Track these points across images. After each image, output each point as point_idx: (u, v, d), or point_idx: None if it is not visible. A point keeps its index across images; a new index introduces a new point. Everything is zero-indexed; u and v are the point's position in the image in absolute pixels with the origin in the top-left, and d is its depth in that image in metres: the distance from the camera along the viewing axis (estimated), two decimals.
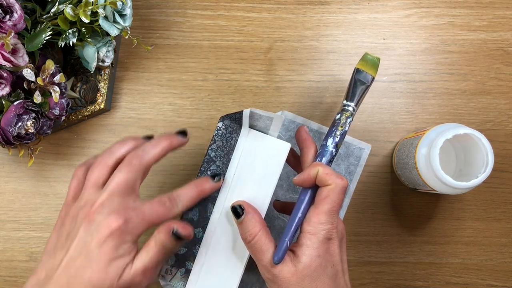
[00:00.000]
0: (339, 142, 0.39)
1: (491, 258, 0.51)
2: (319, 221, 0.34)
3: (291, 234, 0.36)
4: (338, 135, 0.39)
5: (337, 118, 0.40)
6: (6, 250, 0.51)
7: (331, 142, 0.38)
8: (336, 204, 0.35)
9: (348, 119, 0.39)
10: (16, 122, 0.41)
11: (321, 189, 0.35)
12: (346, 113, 0.40)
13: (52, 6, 0.43)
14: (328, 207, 0.34)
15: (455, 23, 0.53)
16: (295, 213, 0.36)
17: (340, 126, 0.39)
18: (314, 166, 0.36)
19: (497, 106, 0.52)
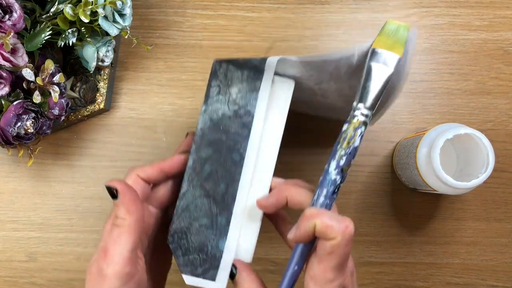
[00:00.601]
0: (344, 166, 0.29)
1: (492, 259, 0.51)
2: (327, 279, 0.29)
3: None
4: (344, 155, 0.29)
5: (343, 129, 0.29)
6: (5, 250, 0.51)
7: (334, 167, 0.29)
8: (344, 258, 0.29)
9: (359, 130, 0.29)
10: (16, 122, 0.41)
11: (323, 242, 0.29)
12: (354, 121, 0.29)
13: (51, 5, 0.43)
14: (336, 263, 0.29)
15: (456, 22, 0.53)
16: (290, 264, 0.31)
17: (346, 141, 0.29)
18: (308, 220, 0.29)
19: (497, 106, 0.52)
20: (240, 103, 0.34)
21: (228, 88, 0.35)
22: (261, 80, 0.34)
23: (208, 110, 0.35)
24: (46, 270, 0.51)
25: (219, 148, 0.34)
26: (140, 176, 0.34)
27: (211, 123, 0.35)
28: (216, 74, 0.35)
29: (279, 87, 0.34)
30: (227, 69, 0.35)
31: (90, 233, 0.51)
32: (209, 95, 0.35)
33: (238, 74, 0.34)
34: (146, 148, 0.52)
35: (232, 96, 0.34)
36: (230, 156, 0.34)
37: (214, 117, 0.35)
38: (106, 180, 0.51)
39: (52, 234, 0.51)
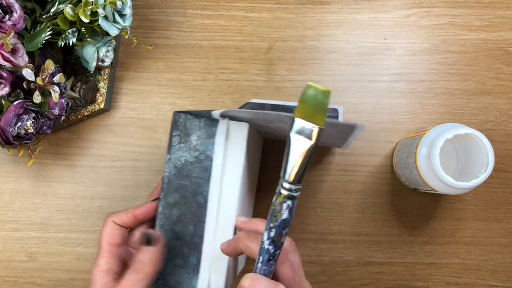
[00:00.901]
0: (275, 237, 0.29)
1: (492, 259, 0.51)
2: None
3: None
4: (273, 227, 0.29)
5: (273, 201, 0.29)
6: (5, 250, 0.51)
7: (266, 238, 0.30)
8: None
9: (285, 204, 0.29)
10: (16, 122, 0.41)
11: None
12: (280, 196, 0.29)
13: (51, 6, 0.43)
14: None
15: (456, 23, 0.53)
16: None
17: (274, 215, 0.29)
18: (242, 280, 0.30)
19: (497, 106, 0.52)
20: (200, 149, 0.37)
21: (188, 137, 0.37)
22: (216, 126, 0.36)
23: (172, 159, 0.37)
24: (46, 270, 0.51)
25: (185, 193, 0.37)
26: (116, 222, 0.37)
27: (175, 170, 0.37)
28: (176, 125, 0.37)
29: (234, 130, 0.37)
30: (186, 118, 0.37)
31: (90, 233, 0.51)
32: (171, 144, 0.37)
33: (196, 123, 0.37)
34: (146, 148, 0.52)
35: (192, 143, 0.37)
36: (195, 200, 0.37)
37: (178, 164, 0.37)
38: (106, 180, 0.51)
39: (52, 234, 0.51)
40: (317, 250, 0.51)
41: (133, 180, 0.51)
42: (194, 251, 0.37)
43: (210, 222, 0.37)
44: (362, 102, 0.52)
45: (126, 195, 0.51)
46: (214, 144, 0.36)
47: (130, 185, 0.51)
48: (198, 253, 0.37)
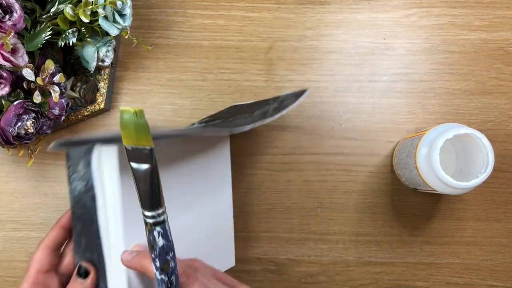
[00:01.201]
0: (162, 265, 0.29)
1: (492, 258, 0.51)
2: None
3: None
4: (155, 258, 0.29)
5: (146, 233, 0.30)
6: (5, 250, 0.51)
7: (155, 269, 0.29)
8: None
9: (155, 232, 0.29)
10: (16, 122, 0.41)
11: None
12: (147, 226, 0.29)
13: (51, 6, 0.43)
14: None
15: (456, 23, 0.53)
16: None
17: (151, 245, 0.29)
18: None
19: (497, 106, 0.52)
20: (86, 178, 0.36)
21: (76, 166, 0.36)
22: (91, 153, 0.35)
23: (71, 189, 0.37)
24: None
25: (84, 222, 0.36)
26: (48, 244, 0.37)
27: (74, 201, 0.37)
28: (68, 155, 0.37)
29: (104, 156, 0.35)
30: (71, 149, 0.36)
31: None
32: (68, 175, 0.37)
33: (78, 152, 0.36)
34: None
35: (80, 173, 0.36)
36: (91, 228, 0.36)
37: (76, 194, 0.37)
38: None
39: None
40: (317, 250, 0.51)
41: None
42: (102, 277, 0.36)
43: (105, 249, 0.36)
44: (362, 102, 0.52)
45: None
46: (92, 172, 0.35)
47: None
48: (104, 279, 0.36)
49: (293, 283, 0.51)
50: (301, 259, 0.51)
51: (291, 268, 0.51)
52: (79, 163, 0.36)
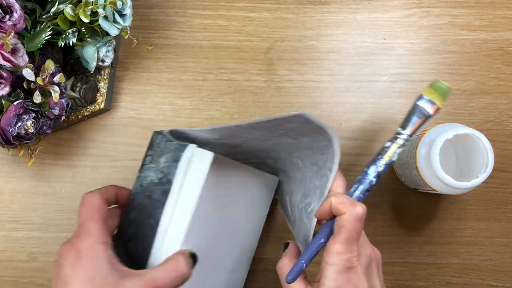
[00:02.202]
0: (382, 172, 0.36)
1: (492, 258, 0.51)
2: (336, 251, 0.34)
3: (308, 256, 0.35)
4: (383, 164, 0.37)
5: (386, 145, 0.37)
6: (6, 250, 0.51)
7: (373, 171, 0.37)
8: (352, 233, 0.34)
9: (398, 149, 0.37)
10: (16, 122, 0.41)
11: (337, 218, 0.34)
12: (397, 142, 0.37)
13: (52, 6, 0.43)
14: (345, 236, 0.34)
15: (455, 23, 0.53)
16: (316, 237, 0.36)
17: (386, 155, 0.37)
18: (328, 197, 0.35)
19: (497, 106, 0.52)
20: (165, 172, 0.36)
21: (159, 157, 0.36)
22: (183, 151, 0.35)
23: (141, 177, 0.37)
24: (46, 270, 0.51)
25: (142, 213, 0.36)
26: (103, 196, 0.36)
27: (141, 189, 0.37)
28: (152, 144, 0.37)
29: (198, 159, 0.35)
30: (161, 139, 0.37)
31: None
32: (143, 163, 0.37)
33: (169, 145, 0.36)
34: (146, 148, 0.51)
35: (160, 165, 0.36)
36: (149, 221, 0.36)
37: (144, 183, 0.37)
38: (106, 180, 0.51)
39: (53, 234, 0.51)
40: None
41: (133, 180, 0.51)
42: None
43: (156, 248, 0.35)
44: (362, 102, 0.52)
45: None
46: (177, 169, 0.35)
47: (130, 185, 0.51)
48: None
49: None
50: None
51: None
52: (163, 156, 0.36)
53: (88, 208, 0.35)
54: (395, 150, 0.37)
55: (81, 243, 0.33)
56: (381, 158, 0.37)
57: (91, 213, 0.34)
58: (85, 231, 0.33)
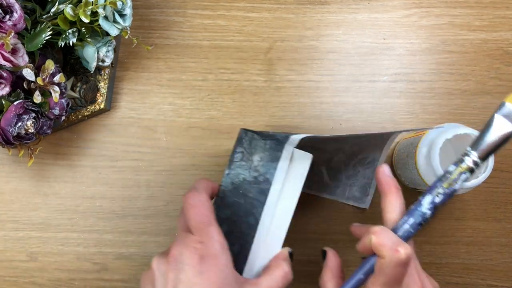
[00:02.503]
0: (439, 204, 0.30)
1: (491, 258, 0.51)
2: None
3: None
4: (441, 193, 0.30)
5: (449, 169, 0.30)
6: (6, 250, 0.51)
7: (428, 201, 0.31)
8: (392, 278, 0.31)
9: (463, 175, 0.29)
10: (16, 122, 0.41)
11: (377, 259, 0.31)
12: (462, 166, 0.30)
13: (52, 6, 0.43)
14: (383, 280, 0.31)
15: (455, 23, 0.53)
16: (356, 272, 0.34)
17: (448, 182, 0.30)
18: (369, 234, 0.32)
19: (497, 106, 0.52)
20: (261, 171, 0.36)
21: (251, 156, 0.37)
22: (281, 152, 0.36)
23: (231, 174, 0.37)
24: (46, 270, 0.51)
25: (237, 211, 0.37)
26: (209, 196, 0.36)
27: (232, 186, 0.37)
28: (241, 141, 0.38)
29: (298, 160, 0.36)
30: (252, 137, 0.37)
31: (91, 233, 0.51)
32: (233, 160, 0.37)
33: (261, 144, 0.37)
34: (146, 148, 0.52)
35: (253, 163, 0.37)
36: (246, 220, 0.36)
37: (236, 181, 0.37)
38: (106, 180, 0.51)
39: (53, 234, 0.51)
40: (317, 250, 0.51)
41: (133, 180, 0.52)
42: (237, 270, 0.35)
43: (256, 246, 0.36)
44: (362, 102, 0.52)
45: (126, 195, 0.51)
46: (276, 169, 0.36)
47: (130, 185, 0.52)
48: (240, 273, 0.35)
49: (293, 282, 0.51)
50: (301, 259, 0.51)
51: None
52: (255, 154, 0.36)
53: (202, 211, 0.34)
54: (458, 176, 0.30)
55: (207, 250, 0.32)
56: (440, 186, 0.30)
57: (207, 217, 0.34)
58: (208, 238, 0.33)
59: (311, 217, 0.51)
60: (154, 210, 0.51)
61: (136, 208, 0.51)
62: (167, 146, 0.52)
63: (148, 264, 0.50)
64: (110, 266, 0.51)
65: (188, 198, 0.35)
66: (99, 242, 0.51)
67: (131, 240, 0.51)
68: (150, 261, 0.35)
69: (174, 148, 0.52)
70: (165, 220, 0.51)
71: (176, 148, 0.52)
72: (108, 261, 0.51)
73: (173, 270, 0.32)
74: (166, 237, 0.51)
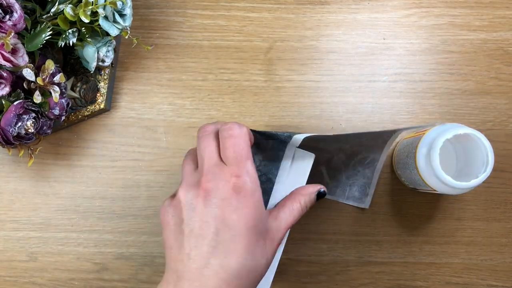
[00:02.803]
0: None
1: (491, 258, 0.51)
2: None
3: None
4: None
5: None
6: (6, 250, 0.51)
7: None
8: None
9: None
10: (16, 122, 0.41)
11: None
12: None
13: (52, 6, 0.43)
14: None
15: (455, 23, 0.53)
16: None
17: None
18: None
19: (497, 106, 0.52)
20: (263, 170, 0.36)
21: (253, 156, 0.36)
22: (283, 151, 0.36)
23: None
24: (46, 270, 0.51)
25: None
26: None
27: None
28: None
29: (300, 159, 0.36)
30: (255, 138, 0.37)
31: (91, 233, 0.51)
32: None
33: (264, 143, 0.36)
34: (146, 148, 0.52)
35: (255, 163, 0.36)
36: None
37: None
38: (106, 180, 0.51)
39: (53, 234, 0.51)
40: (317, 250, 0.51)
41: (133, 180, 0.52)
42: None
43: None
44: (362, 102, 0.52)
45: (126, 195, 0.51)
46: (278, 169, 0.36)
47: (130, 185, 0.52)
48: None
49: (293, 283, 0.51)
50: (301, 259, 0.51)
51: (291, 268, 0.51)
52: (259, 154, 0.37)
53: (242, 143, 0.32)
54: None
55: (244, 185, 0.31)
56: None
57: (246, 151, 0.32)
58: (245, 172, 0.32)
59: (311, 217, 0.51)
60: (154, 210, 0.51)
61: (136, 208, 0.51)
62: (167, 146, 0.52)
63: (148, 264, 0.51)
64: (110, 266, 0.51)
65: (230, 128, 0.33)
66: (99, 242, 0.51)
67: (131, 240, 0.51)
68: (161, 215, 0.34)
69: (174, 148, 0.52)
70: None
71: (176, 148, 0.52)
72: (108, 261, 0.51)
73: (207, 204, 0.31)
74: None
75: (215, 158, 0.33)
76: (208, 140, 0.34)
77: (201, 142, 0.35)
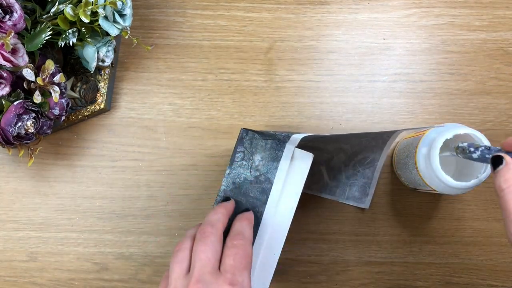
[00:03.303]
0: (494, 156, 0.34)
1: (491, 258, 0.51)
2: None
3: None
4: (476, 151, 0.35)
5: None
6: (6, 250, 0.51)
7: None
8: None
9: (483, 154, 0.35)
10: (16, 122, 0.41)
11: None
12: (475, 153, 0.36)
13: (52, 6, 0.43)
14: None
15: (455, 23, 0.53)
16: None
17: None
18: None
19: (497, 106, 0.52)
20: (262, 170, 0.37)
21: (252, 155, 0.37)
22: (282, 151, 0.37)
23: (232, 174, 0.38)
24: (46, 270, 0.51)
25: (238, 210, 0.37)
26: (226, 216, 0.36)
27: (233, 186, 0.37)
28: (242, 141, 0.38)
29: (299, 159, 0.37)
30: (253, 137, 0.38)
31: (90, 233, 0.51)
32: (234, 159, 0.38)
33: (262, 143, 0.37)
34: (146, 148, 0.52)
35: (254, 163, 0.37)
36: None
37: (237, 180, 0.37)
38: (106, 180, 0.51)
39: (53, 234, 0.51)
40: (317, 250, 0.51)
41: (133, 180, 0.52)
42: None
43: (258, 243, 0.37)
44: (362, 102, 0.52)
45: (126, 195, 0.51)
46: (277, 169, 0.36)
47: (130, 185, 0.52)
48: None
49: (293, 283, 0.51)
50: (301, 259, 0.51)
51: (291, 268, 0.51)
52: (256, 153, 0.37)
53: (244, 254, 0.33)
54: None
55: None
56: None
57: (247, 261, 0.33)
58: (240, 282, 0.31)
59: (311, 217, 0.51)
60: (154, 210, 0.51)
61: (136, 208, 0.51)
62: (167, 146, 0.52)
63: (148, 264, 0.51)
64: (110, 266, 0.51)
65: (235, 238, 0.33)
66: (99, 242, 0.51)
67: (131, 240, 0.51)
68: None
69: (174, 148, 0.52)
70: (165, 220, 0.51)
71: (176, 148, 0.52)
72: (108, 261, 0.51)
73: None
74: (166, 237, 0.51)
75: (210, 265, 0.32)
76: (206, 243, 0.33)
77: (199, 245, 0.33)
